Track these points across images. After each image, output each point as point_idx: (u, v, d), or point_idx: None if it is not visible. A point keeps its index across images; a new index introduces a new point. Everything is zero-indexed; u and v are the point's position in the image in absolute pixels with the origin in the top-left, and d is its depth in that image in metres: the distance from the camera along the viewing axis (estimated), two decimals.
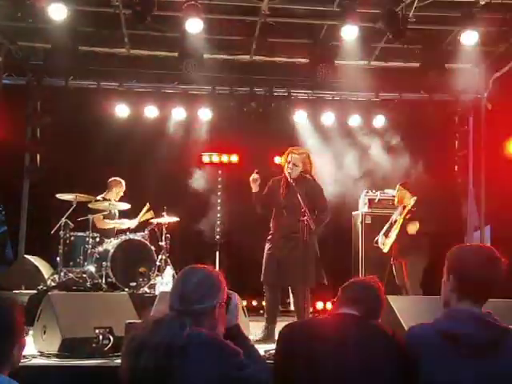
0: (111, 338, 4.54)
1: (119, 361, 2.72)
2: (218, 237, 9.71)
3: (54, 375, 4.12)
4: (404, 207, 7.76)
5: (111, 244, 7.89)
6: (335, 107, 9.98)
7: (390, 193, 8.95)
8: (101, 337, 4.53)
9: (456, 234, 9.39)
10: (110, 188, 8.59)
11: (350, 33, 7.89)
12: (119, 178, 8.65)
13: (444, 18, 8.21)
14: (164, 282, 7.71)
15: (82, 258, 7.93)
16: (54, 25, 7.74)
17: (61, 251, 7.84)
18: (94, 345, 4.51)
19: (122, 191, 8.63)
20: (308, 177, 6.39)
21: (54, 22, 7.67)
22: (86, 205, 8.16)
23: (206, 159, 9.90)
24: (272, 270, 6.19)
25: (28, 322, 5.17)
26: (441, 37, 8.67)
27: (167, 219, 8.38)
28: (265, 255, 6.32)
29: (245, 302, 8.18)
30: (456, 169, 10.14)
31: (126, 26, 8.34)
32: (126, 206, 8.45)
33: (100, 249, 7.94)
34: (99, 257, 7.85)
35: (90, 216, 8.06)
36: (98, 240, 8.03)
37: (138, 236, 8.10)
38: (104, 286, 7.63)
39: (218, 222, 9.77)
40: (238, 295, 2.96)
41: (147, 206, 8.45)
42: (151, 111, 9.78)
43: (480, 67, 9.25)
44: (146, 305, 5.73)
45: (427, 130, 9.52)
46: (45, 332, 4.66)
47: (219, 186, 9.86)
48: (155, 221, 8.40)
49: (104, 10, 8.10)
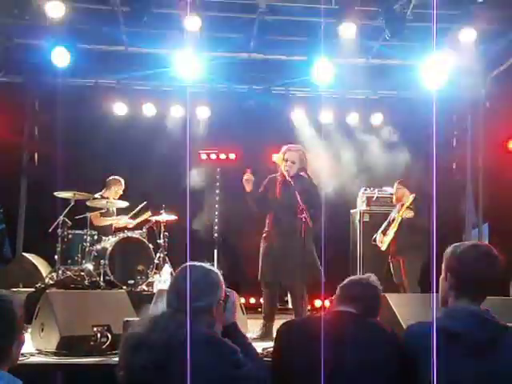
0: (109, 335, 4.54)
1: (117, 359, 2.72)
2: (216, 235, 9.70)
3: (51, 373, 4.12)
4: (402, 205, 7.76)
5: (109, 242, 7.89)
6: (333, 105, 9.97)
7: (388, 191, 8.94)
8: (99, 335, 4.53)
9: (454, 231, 9.38)
10: (108, 187, 8.58)
11: (348, 30, 7.90)
12: (118, 177, 8.64)
13: (442, 16, 8.19)
14: (162, 279, 7.71)
15: (79, 255, 7.93)
16: (52, 22, 7.73)
17: (59, 249, 7.84)
18: (92, 343, 4.51)
19: (121, 190, 8.63)
20: (303, 174, 6.37)
21: (52, 20, 7.66)
22: (84, 203, 8.16)
23: (204, 157, 9.89)
24: (269, 268, 6.18)
25: (26, 320, 5.18)
26: (439, 34, 8.65)
27: (165, 217, 8.38)
28: (261, 253, 6.31)
29: (243, 300, 8.18)
30: (454, 167, 10.14)
31: (123, 24, 8.33)
32: (123, 204, 8.44)
33: (98, 247, 7.94)
34: (97, 255, 7.86)
35: (87, 214, 8.06)
36: (95, 238, 8.03)
37: (136, 234, 8.11)
38: (102, 283, 7.62)
39: (216, 220, 9.76)
40: (236, 293, 2.96)
41: (147, 210, 8.43)
42: (149, 109, 9.78)
43: (478, 65, 9.23)
44: (144, 303, 5.71)
45: (425, 127, 9.49)
46: (43, 330, 4.65)
47: (217, 184, 9.85)
48: (153, 218, 8.40)
49: (102, 7, 8.09)
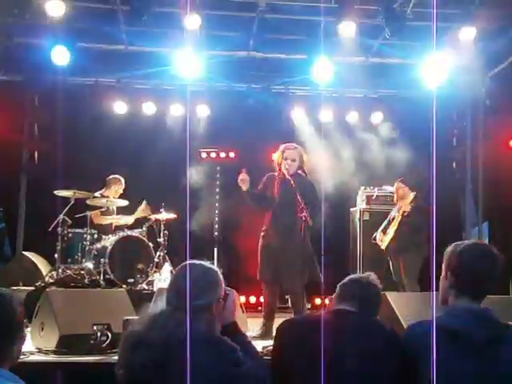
0: (109, 334, 4.54)
1: (117, 357, 2.72)
2: (216, 233, 9.70)
3: (51, 372, 4.12)
4: (402, 204, 7.76)
5: (109, 241, 7.88)
6: (333, 104, 9.96)
7: (387, 189, 8.93)
8: (99, 333, 4.53)
9: (454, 230, 9.38)
10: (108, 185, 8.58)
11: (347, 29, 7.89)
12: (119, 176, 8.64)
13: (442, 14, 8.19)
14: (162, 278, 7.71)
15: (79, 254, 7.93)
16: (52, 21, 7.73)
17: (59, 248, 7.83)
18: (92, 341, 4.51)
19: (122, 189, 8.63)
20: (302, 173, 6.36)
21: (52, 19, 7.65)
22: (84, 201, 8.16)
23: (204, 156, 9.88)
24: (269, 267, 6.18)
25: (26, 319, 5.18)
26: (438, 33, 8.64)
27: (165, 215, 8.38)
28: (260, 252, 6.30)
29: (243, 299, 8.19)
30: (454, 165, 10.14)
31: (123, 23, 8.32)
32: (123, 203, 8.45)
33: (98, 245, 7.94)
34: (97, 253, 7.85)
35: (87, 212, 8.06)
36: (95, 237, 8.03)
37: (135, 232, 8.10)
38: (102, 282, 7.62)
39: (217, 219, 9.76)
40: (235, 292, 2.96)
41: (144, 203, 8.43)
42: (149, 108, 9.77)
43: (478, 63, 9.22)
44: (144, 301, 5.71)
45: (425, 126, 9.49)
46: (43, 329, 4.65)
47: (217, 183, 9.85)
48: (153, 217, 8.40)
49: (102, 6, 8.09)
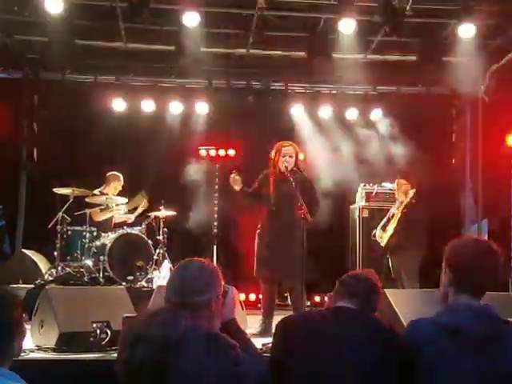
0: (109, 332, 4.54)
1: (116, 354, 2.72)
2: (215, 231, 9.70)
3: (51, 369, 4.12)
4: (402, 201, 7.75)
5: (108, 238, 7.89)
6: (332, 101, 9.96)
7: (387, 186, 8.95)
8: (98, 331, 4.53)
9: (453, 227, 9.39)
10: (107, 182, 8.58)
11: (347, 26, 7.88)
12: (117, 173, 8.64)
13: (441, 11, 8.19)
14: (161, 275, 7.71)
15: (79, 252, 7.94)
16: (51, 18, 7.71)
17: (58, 245, 7.85)
18: (92, 339, 4.51)
19: (121, 186, 8.63)
20: (297, 169, 6.33)
21: (51, 16, 7.64)
22: (83, 199, 8.16)
23: (203, 153, 9.87)
24: (267, 264, 6.15)
25: (27, 319, 5.19)
26: (438, 30, 8.65)
27: (164, 213, 8.38)
28: (257, 249, 6.27)
29: (242, 296, 8.19)
30: (453, 162, 10.14)
31: (122, 20, 8.31)
32: (123, 201, 8.45)
33: (97, 243, 7.95)
34: (96, 251, 7.86)
35: (87, 210, 8.07)
36: (95, 234, 8.04)
37: (135, 230, 8.12)
38: (101, 280, 7.64)
39: (216, 216, 9.76)
40: (235, 289, 2.96)
41: (141, 194, 8.43)
42: (148, 105, 9.76)
43: (477, 60, 9.21)
44: (144, 299, 5.73)
45: (424, 123, 9.51)
46: (42, 326, 4.65)
47: (217, 180, 9.84)
48: (153, 214, 8.40)
49: (100, 3, 8.08)
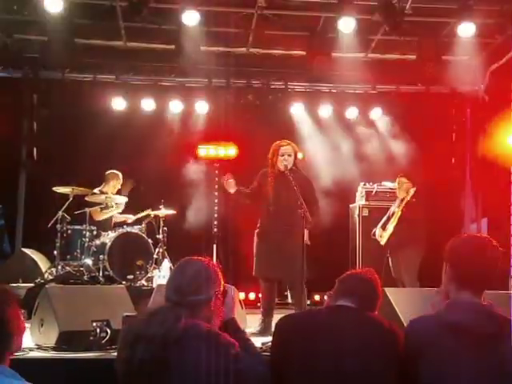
0: (108, 330, 4.53)
1: (116, 353, 2.72)
2: (215, 230, 9.69)
3: (51, 368, 4.12)
4: (402, 199, 7.75)
5: (108, 237, 7.89)
6: (332, 99, 9.95)
7: (387, 185, 8.94)
8: (98, 330, 4.52)
9: (453, 226, 9.39)
10: (107, 181, 8.59)
11: (346, 25, 7.89)
12: (116, 171, 8.64)
13: (441, 10, 8.19)
14: (161, 274, 7.70)
15: (79, 251, 7.94)
16: (50, 17, 7.71)
17: (58, 244, 7.85)
18: (92, 338, 4.50)
19: (120, 184, 8.63)
20: (296, 168, 6.30)
21: (50, 15, 7.64)
22: (82, 198, 8.16)
23: (202, 152, 9.87)
24: (267, 263, 6.13)
25: (25, 315, 5.19)
26: (437, 29, 8.65)
27: (164, 212, 8.39)
28: (256, 249, 6.24)
29: (242, 295, 8.19)
30: (453, 161, 10.14)
31: (122, 19, 8.31)
32: (123, 199, 8.45)
33: (97, 242, 7.95)
34: (96, 250, 7.86)
35: (86, 209, 8.06)
36: (95, 233, 8.04)
37: (135, 229, 8.11)
38: (101, 279, 7.64)
39: (216, 215, 9.76)
40: (235, 288, 2.96)
41: (149, 211, 8.43)
42: (148, 104, 9.75)
43: (477, 59, 9.23)
44: (144, 298, 5.73)
45: (424, 122, 9.52)
46: (42, 325, 4.65)
47: (216, 179, 9.84)
48: (152, 213, 8.41)
49: (100, 2, 8.08)
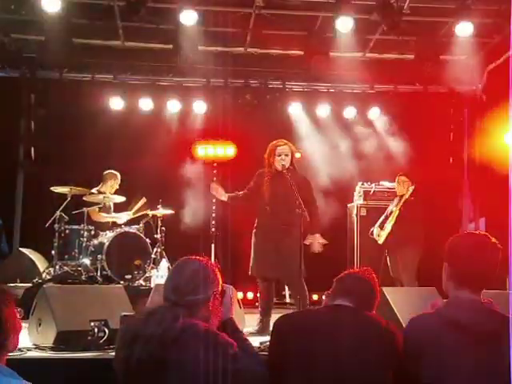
0: (106, 330, 4.53)
1: (114, 352, 2.72)
2: (213, 229, 9.69)
3: (49, 368, 4.12)
4: (401, 197, 7.76)
5: (106, 237, 7.88)
6: (330, 99, 9.96)
7: (385, 185, 8.96)
8: (96, 329, 4.52)
9: (451, 225, 9.40)
10: (105, 181, 8.58)
11: (344, 24, 7.90)
12: (114, 171, 8.63)
13: (439, 10, 8.20)
14: (159, 274, 7.70)
15: (77, 251, 7.92)
16: (48, 17, 7.71)
17: (56, 244, 7.83)
18: (90, 337, 4.50)
19: (117, 184, 8.62)
20: (293, 168, 6.28)
21: (48, 14, 7.64)
22: (80, 198, 8.15)
23: (201, 152, 9.86)
24: (265, 263, 6.10)
25: (23, 315, 5.19)
26: (435, 28, 8.66)
27: (162, 212, 8.38)
28: (254, 248, 6.22)
29: (240, 295, 8.19)
30: (451, 161, 10.14)
31: (120, 18, 8.30)
32: (121, 199, 8.44)
33: (95, 242, 7.94)
34: (94, 250, 7.85)
35: (84, 209, 8.05)
36: (92, 233, 8.02)
37: (133, 229, 8.09)
38: (99, 278, 7.62)
39: (214, 215, 9.75)
40: (233, 288, 2.96)
41: (143, 200, 8.44)
42: (146, 104, 9.75)
43: (475, 59, 9.23)
44: (142, 297, 5.72)
45: (422, 121, 9.52)
46: (40, 325, 4.64)
47: (214, 178, 9.83)
48: (150, 213, 8.40)
49: (98, 1, 8.07)
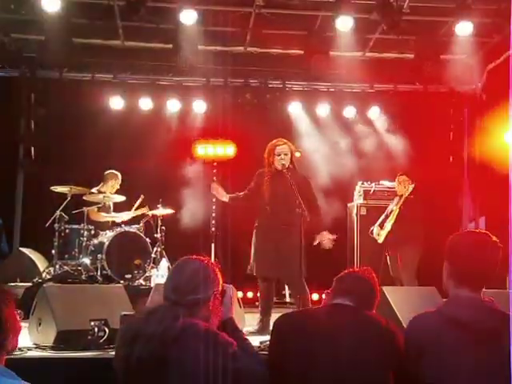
0: (106, 330, 4.53)
1: (114, 352, 2.72)
2: (213, 229, 9.69)
3: (49, 367, 4.12)
4: (401, 197, 7.77)
5: (106, 236, 7.88)
6: (330, 98, 9.96)
7: (385, 184, 8.96)
8: (96, 329, 4.52)
9: (451, 224, 9.40)
10: (105, 181, 8.57)
11: (344, 24, 7.90)
12: (115, 171, 8.63)
13: (438, 9, 8.20)
14: (159, 274, 7.70)
15: (77, 250, 7.92)
16: (48, 16, 7.71)
17: (56, 244, 7.84)
18: (90, 337, 4.50)
19: (118, 184, 8.62)
20: (293, 168, 6.25)
21: (48, 14, 7.64)
22: (80, 197, 8.15)
23: (200, 151, 9.86)
24: (265, 262, 6.09)
25: (23, 315, 5.18)
26: (435, 28, 8.66)
27: (162, 211, 8.38)
28: (255, 248, 6.21)
29: (240, 294, 8.19)
30: (451, 160, 10.15)
31: (120, 18, 8.30)
32: (121, 199, 8.44)
33: (95, 241, 7.94)
34: (94, 249, 7.85)
35: (84, 208, 8.05)
36: (92, 232, 8.02)
37: (133, 228, 8.09)
38: (99, 278, 7.63)
39: (214, 214, 9.75)
40: (233, 287, 2.96)
41: (141, 197, 8.44)
42: (146, 103, 9.75)
43: (475, 58, 9.23)
44: (142, 297, 5.72)
45: (422, 121, 9.53)
46: (40, 324, 4.65)
47: (214, 178, 9.83)
48: (150, 213, 8.40)
49: (98, 1, 8.07)
